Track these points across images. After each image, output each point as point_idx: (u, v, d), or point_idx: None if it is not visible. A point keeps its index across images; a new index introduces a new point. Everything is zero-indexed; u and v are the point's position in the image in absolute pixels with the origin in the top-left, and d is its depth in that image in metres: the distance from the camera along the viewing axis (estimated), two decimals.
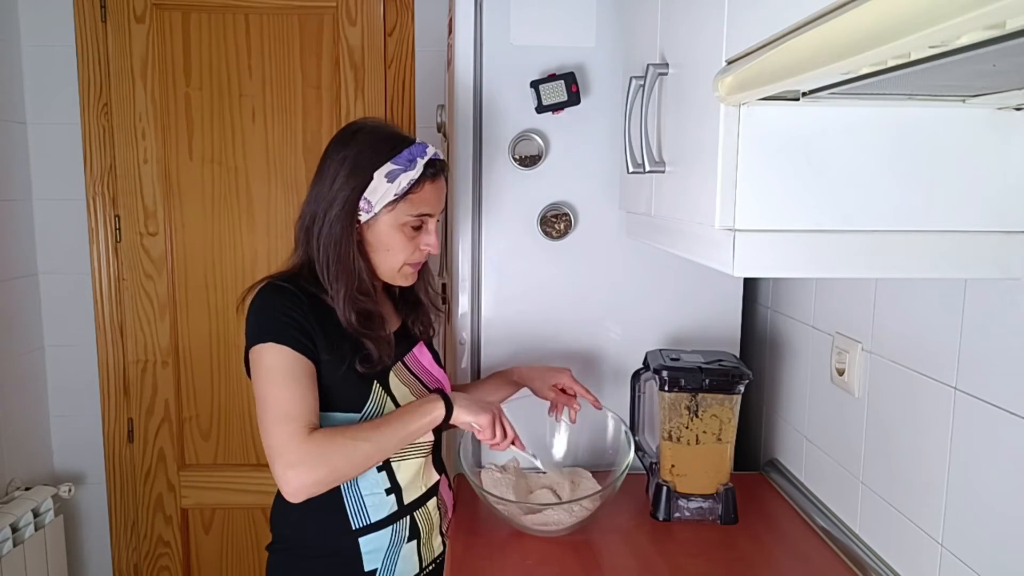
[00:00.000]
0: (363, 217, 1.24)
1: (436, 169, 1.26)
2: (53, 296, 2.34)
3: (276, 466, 1.14)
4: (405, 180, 1.22)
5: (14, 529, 2.00)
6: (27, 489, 2.17)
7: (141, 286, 2.34)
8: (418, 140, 1.26)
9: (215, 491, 2.42)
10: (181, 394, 2.39)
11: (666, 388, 1.39)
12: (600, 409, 1.46)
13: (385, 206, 1.23)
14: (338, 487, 1.24)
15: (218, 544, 2.47)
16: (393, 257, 1.27)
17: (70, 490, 2.25)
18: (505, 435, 1.26)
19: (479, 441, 1.31)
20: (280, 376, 1.17)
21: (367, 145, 1.24)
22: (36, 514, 2.11)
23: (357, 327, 1.22)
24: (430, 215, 1.27)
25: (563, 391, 1.46)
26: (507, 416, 1.29)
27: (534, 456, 1.33)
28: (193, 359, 2.38)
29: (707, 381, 1.38)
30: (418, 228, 1.27)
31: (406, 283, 1.32)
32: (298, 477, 1.13)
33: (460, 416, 1.24)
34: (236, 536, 2.47)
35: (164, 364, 2.37)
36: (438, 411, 1.22)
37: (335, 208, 1.22)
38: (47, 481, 2.30)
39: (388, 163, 1.22)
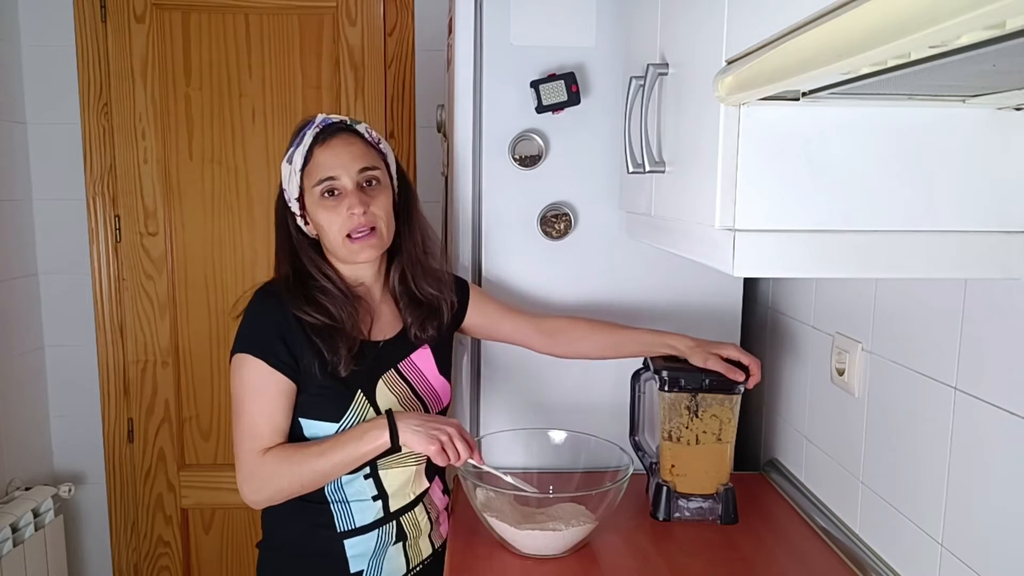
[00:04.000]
0: (293, 207, 1.27)
1: (327, 133, 1.24)
2: (53, 296, 2.34)
3: (237, 476, 1.23)
4: (298, 157, 1.24)
5: (14, 529, 2.00)
6: (27, 489, 2.17)
7: (141, 286, 2.34)
8: (324, 114, 1.27)
9: (215, 491, 2.42)
10: (181, 394, 2.39)
11: (666, 388, 1.39)
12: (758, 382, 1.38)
13: (300, 189, 1.25)
14: (323, 491, 1.25)
15: (218, 544, 2.47)
16: (329, 233, 1.24)
17: (70, 490, 2.25)
18: (459, 455, 1.18)
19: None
20: (252, 390, 1.22)
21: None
22: (36, 514, 2.11)
23: (307, 315, 1.22)
24: (332, 178, 1.22)
25: (727, 360, 1.37)
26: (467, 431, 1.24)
27: (504, 473, 1.28)
28: (193, 359, 2.38)
29: (707, 381, 1.38)
30: (335, 196, 1.23)
31: (364, 258, 1.26)
32: (249, 492, 1.21)
33: (407, 442, 1.17)
34: (236, 536, 2.47)
35: (164, 364, 2.37)
36: (382, 439, 1.17)
37: (276, 207, 1.31)
38: (47, 481, 2.30)
39: (289, 149, 1.26)
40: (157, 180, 2.30)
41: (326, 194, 1.23)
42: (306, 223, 1.28)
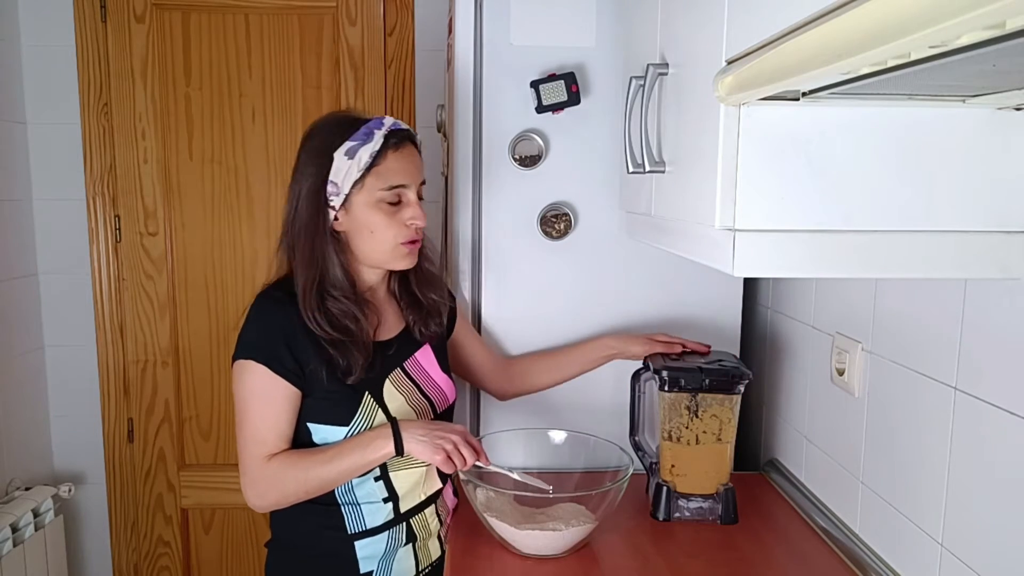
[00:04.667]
0: (335, 201, 1.22)
1: (398, 138, 1.23)
2: (53, 296, 2.34)
3: (241, 480, 1.22)
4: (366, 154, 1.20)
5: (14, 529, 2.00)
6: (27, 489, 2.17)
7: (141, 286, 2.34)
8: (380, 116, 1.26)
9: (215, 491, 2.42)
10: (181, 394, 2.39)
11: (666, 388, 1.39)
12: (708, 352, 1.48)
13: (353, 185, 1.21)
14: (333, 493, 1.25)
15: (218, 544, 2.47)
16: (380, 238, 1.24)
17: (70, 490, 2.25)
18: (466, 461, 1.19)
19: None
20: (256, 396, 1.21)
21: (326, 131, 1.24)
22: (36, 514, 2.11)
23: (320, 329, 1.20)
24: (404, 186, 1.23)
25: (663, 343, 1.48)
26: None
27: (510, 470, 1.28)
28: (193, 359, 2.38)
29: (707, 381, 1.38)
30: (396, 203, 1.23)
31: (405, 265, 1.28)
32: (253, 497, 1.22)
33: (411, 452, 1.19)
34: (236, 536, 2.47)
35: (164, 364, 2.37)
36: (387, 448, 1.18)
37: (304, 200, 1.22)
38: (47, 481, 2.30)
39: (346, 142, 1.21)
40: (157, 180, 2.30)
41: (390, 202, 1.23)
42: (336, 219, 1.25)
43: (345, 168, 1.20)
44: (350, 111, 1.29)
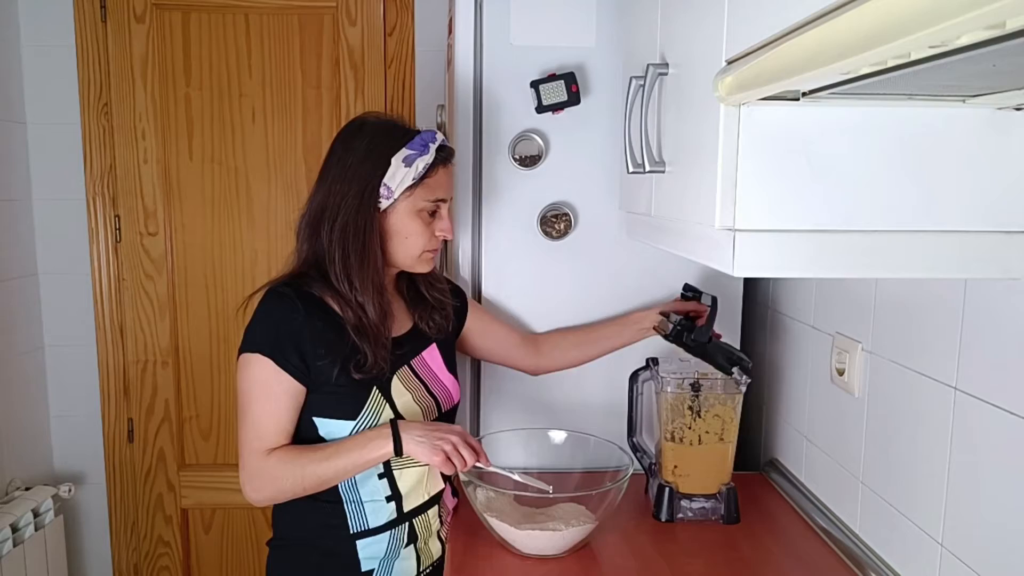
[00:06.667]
0: (383, 204, 1.24)
1: (446, 154, 1.29)
2: (53, 296, 2.34)
3: (240, 475, 1.23)
4: (421, 164, 1.24)
5: (14, 529, 2.00)
6: (27, 489, 2.17)
7: (141, 286, 2.34)
8: (423, 128, 1.29)
9: (215, 491, 2.42)
10: (181, 394, 2.39)
11: (668, 389, 1.39)
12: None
13: (403, 192, 1.24)
14: (337, 490, 1.25)
15: (218, 544, 2.47)
16: (412, 244, 1.28)
17: (70, 490, 2.25)
18: (465, 462, 1.19)
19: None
20: (260, 390, 1.21)
21: (379, 133, 1.26)
22: (36, 514, 2.11)
23: (361, 325, 1.22)
24: (444, 200, 1.29)
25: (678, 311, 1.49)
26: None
27: (510, 471, 1.28)
28: (193, 359, 2.38)
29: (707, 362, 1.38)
30: (432, 214, 1.29)
31: (426, 269, 1.32)
32: (251, 491, 1.22)
33: (411, 453, 1.19)
34: (236, 536, 2.47)
35: (164, 364, 2.37)
36: (386, 448, 1.19)
37: (352, 197, 1.23)
38: (47, 481, 2.30)
39: (404, 148, 1.24)
40: (157, 180, 2.30)
41: (429, 212, 1.28)
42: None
43: (401, 175, 1.24)
44: (392, 115, 1.33)
